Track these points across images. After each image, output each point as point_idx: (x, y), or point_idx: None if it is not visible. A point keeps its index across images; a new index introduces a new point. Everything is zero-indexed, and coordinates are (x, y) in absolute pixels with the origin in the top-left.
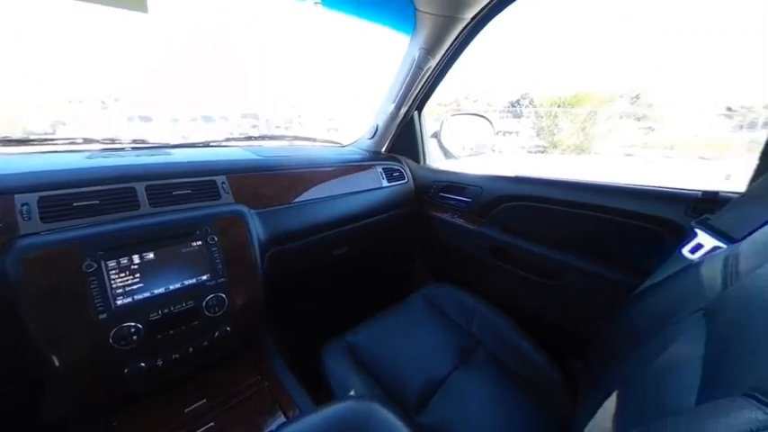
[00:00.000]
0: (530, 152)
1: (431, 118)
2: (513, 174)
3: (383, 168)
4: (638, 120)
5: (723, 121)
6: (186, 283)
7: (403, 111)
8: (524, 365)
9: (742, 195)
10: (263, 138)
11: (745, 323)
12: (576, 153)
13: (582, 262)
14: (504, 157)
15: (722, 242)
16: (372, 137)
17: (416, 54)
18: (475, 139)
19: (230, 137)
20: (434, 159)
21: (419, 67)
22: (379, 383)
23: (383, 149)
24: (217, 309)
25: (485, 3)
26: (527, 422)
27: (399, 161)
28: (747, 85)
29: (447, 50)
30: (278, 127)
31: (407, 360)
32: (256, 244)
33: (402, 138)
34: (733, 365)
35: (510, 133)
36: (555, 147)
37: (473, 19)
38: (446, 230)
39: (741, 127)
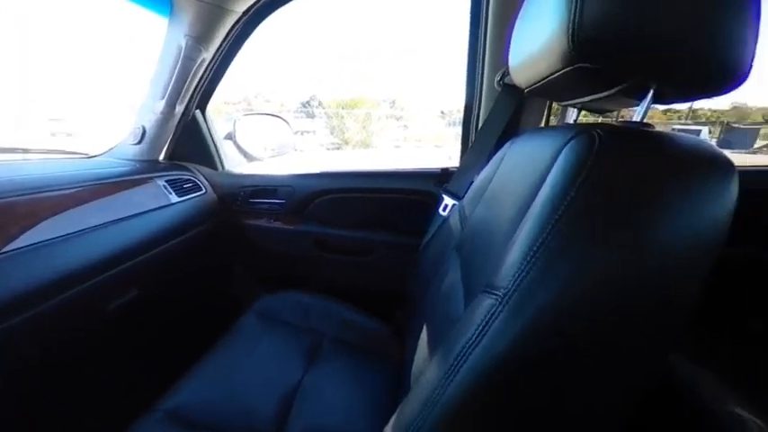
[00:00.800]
0: (327, 149)
1: (220, 118)
2: (320, 170)
3: (167, 180)
4: (398, 120)
5: (441, 120)
6: None
7: (179, 109)
8: (362, 336)
9: (458, 169)
10: None
11: (473, 249)
12: (362, 148)
13: (384, 235)
14: (307, 155)
15: (455, 200)
16: (139, 142)
17: (182, 42)
18: (275, 139)
19: None
20: (236, 164)
21: (189, 58)
22: (228, 430)
23: (160, 157)
24: None
25: None
26: (375, 383)
27: (188, 169)
28: (451, 93)
29: (222, 43)
30: None
31: (253, 387)
32: None
33: (185, 141)
34: (473, 278)
35: (307, 132)
36: (347, 143)
37: (245, 13)
38: (265, 237)
39: (449, 124)
